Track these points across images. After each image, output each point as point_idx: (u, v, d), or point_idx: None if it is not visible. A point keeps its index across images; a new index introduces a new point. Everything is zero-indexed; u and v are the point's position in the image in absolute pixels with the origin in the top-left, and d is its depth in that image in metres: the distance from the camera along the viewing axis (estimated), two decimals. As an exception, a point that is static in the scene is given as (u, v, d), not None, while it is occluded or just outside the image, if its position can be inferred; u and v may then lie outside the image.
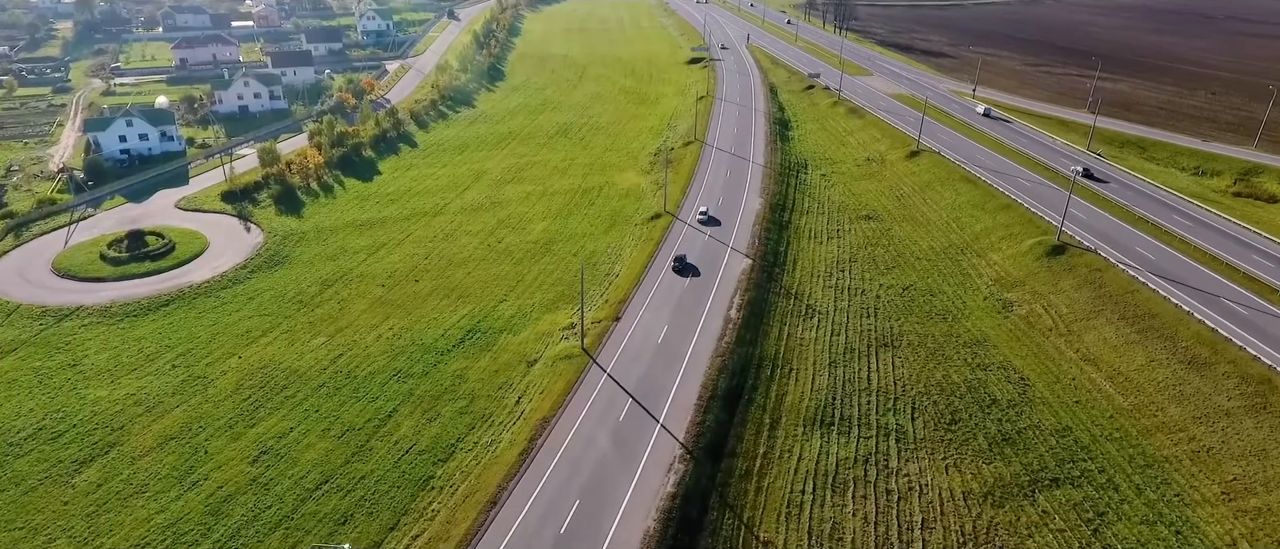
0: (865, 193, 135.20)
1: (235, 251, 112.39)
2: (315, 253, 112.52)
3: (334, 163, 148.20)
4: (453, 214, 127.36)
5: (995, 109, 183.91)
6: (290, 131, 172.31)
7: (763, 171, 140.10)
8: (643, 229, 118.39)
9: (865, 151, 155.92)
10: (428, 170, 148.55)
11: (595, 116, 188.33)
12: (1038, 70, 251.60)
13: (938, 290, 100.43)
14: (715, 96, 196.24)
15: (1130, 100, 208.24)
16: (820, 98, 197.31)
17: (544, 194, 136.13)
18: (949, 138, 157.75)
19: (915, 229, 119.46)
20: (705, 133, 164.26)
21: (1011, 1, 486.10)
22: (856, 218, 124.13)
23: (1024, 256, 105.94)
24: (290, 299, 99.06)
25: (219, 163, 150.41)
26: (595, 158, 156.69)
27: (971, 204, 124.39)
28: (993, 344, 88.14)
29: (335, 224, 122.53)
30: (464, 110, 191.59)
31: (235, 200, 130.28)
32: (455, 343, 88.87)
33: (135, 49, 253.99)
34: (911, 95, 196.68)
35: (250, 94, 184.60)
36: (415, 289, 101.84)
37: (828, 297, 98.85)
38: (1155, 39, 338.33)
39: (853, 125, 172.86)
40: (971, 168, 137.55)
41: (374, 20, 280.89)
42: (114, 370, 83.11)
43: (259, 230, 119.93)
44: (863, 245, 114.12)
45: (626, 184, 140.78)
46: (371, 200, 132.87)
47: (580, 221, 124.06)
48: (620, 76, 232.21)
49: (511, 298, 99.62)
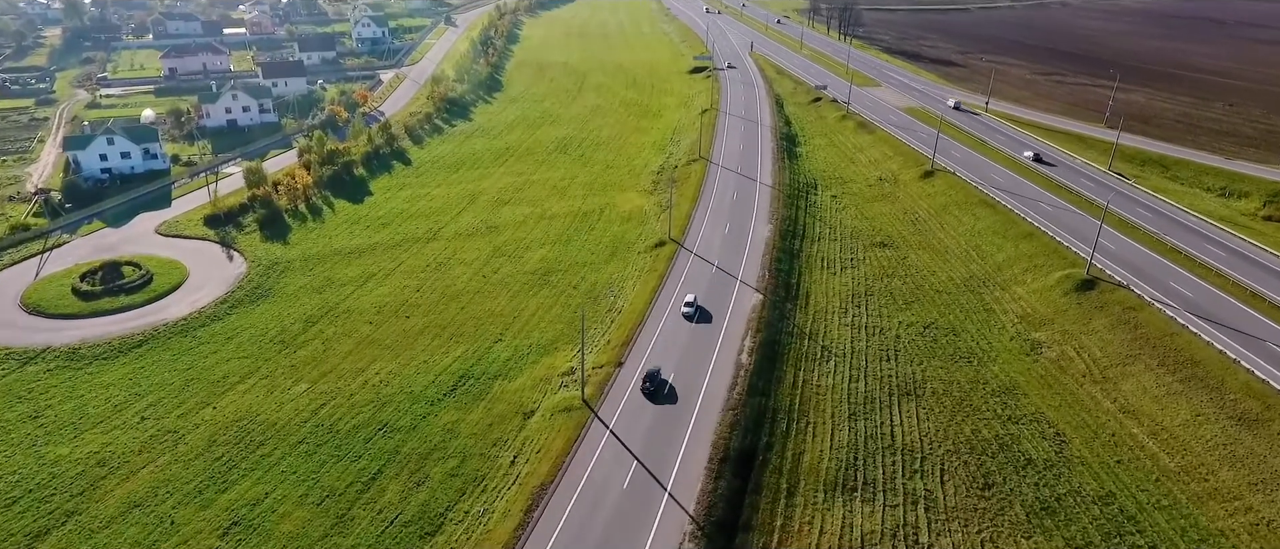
0: (878, 216, 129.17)
1: (216, 283, 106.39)
2: (301, 284, 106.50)
3: (324, 182, 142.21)
4: (447, 240, 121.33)
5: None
6: (280, 147, 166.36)
7: (771, 193, 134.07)
8: (646, 258, 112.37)
9: (877, 170, 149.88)
10: (422, 190, 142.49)
11: (596, 130, 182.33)
12: (1049, 79, 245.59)
13: (960, 329, 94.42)
14: (719, 109, 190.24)
15: (1146, 112, 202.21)
16: (828, 111, 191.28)
17: (542, 217, 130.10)
18: (963, 156, 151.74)
19: (933, 258, 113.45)
20: (710, 149, 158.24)
21: (1016, 5, 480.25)
22: (871, 245, 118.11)
23: (1051, 291, 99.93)
24: (272, 339, 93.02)
25: (204, 182, 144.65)
26: (596, 176, 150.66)
27: (992, 231, 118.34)
28: (1023, 392, 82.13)
29: (323, 251, 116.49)
30: (460, 123, 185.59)
31: (219, 225, 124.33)
32: (447, 391, 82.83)
33: (124, 57, 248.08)
34: (923, 108, 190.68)
35: (239, 107, 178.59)
36: (405, 326, 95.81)
37: (844, 336, 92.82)
38: (1165, 45, 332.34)
39: (863, 141, 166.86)
40: (990, 190, 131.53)
41: (369, 27, 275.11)
42: (78, 423, 77.11)
43: (242, 259, 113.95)
44: (879, 276, 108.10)
45: (629, 206, 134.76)
46: (362, 224, 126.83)
47: (580, 249, 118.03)
48: (621, 87, 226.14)
49: (508, 337, 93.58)
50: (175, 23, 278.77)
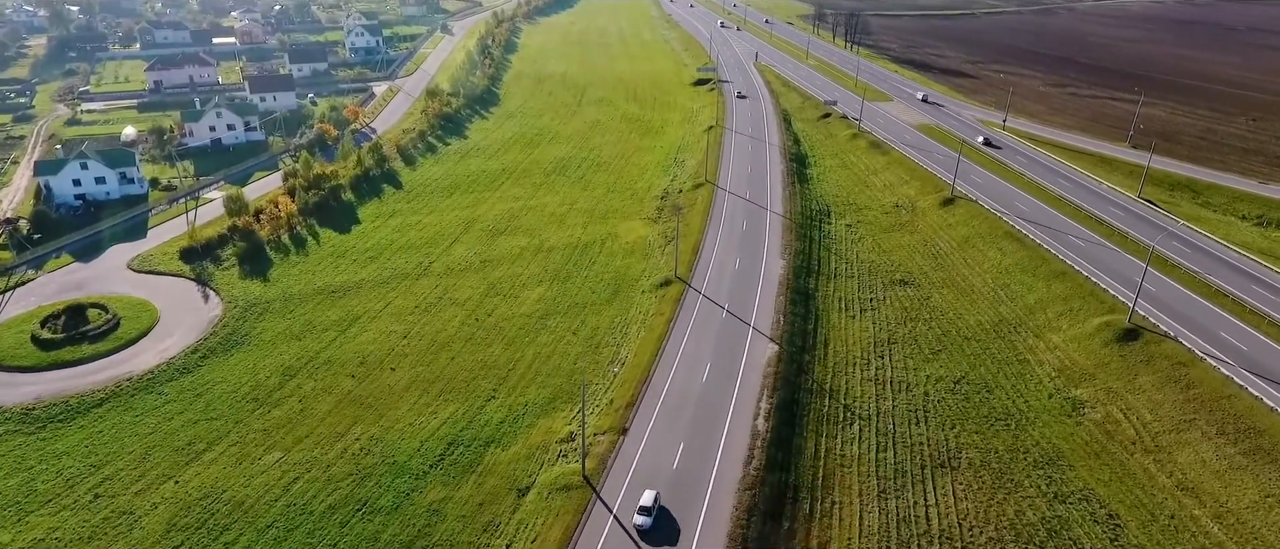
0: (897, 249, 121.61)
1: (188, 328, 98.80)
2: (279, 329, 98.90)
3: (309, 209, 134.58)
4: (438, 276, 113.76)
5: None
6: (266, 168, 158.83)
7: (782, 223, 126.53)
8: (651, 299, 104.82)
9: (893, 196, 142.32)
10: (413, 218, 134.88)
11: (596, 149, 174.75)
12: (1063, 92, 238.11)
13: (994, 384, 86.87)
14: (724, 126, 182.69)
15: (1168, 128, 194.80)
16: (838, 129, 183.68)
17: (540, 250, 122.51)
18: (983, 180, 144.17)
19: (958, 298, 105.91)
20: (716, 172, 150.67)
21: (1023, 11, 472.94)
22: (891, 283, 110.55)
23: (1090, 340, 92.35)
24: (245, 396, 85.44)
25: (183, 209, 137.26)
26: (597, 201, 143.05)
27: (1020, 268, 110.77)
28: (1068, 463, 74.60)
29: (305, 290, 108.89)
30: (455, 141, 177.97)
31: (196, 259, 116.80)
32: (434, 461, 75.29)
33: (109, 69, 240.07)
34: (936, 125, 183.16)
35: (223, 125, 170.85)
36: (390, 381, 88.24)
37: (867, 393, 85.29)
38: (1178, 53, 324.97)
39: (876, 163, 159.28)
40: (1015, 221, 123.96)
41: (363, 36, 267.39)
42: (24, 503, 69.58)
43: (218, 299, 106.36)
44: (901, 320, 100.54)
45: (632, 237, 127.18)
46: (348, 258, 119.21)
47: (580, 286, 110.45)
48: (622, 100, 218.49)
49: (502, 393, 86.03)
50: (163, 32, 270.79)
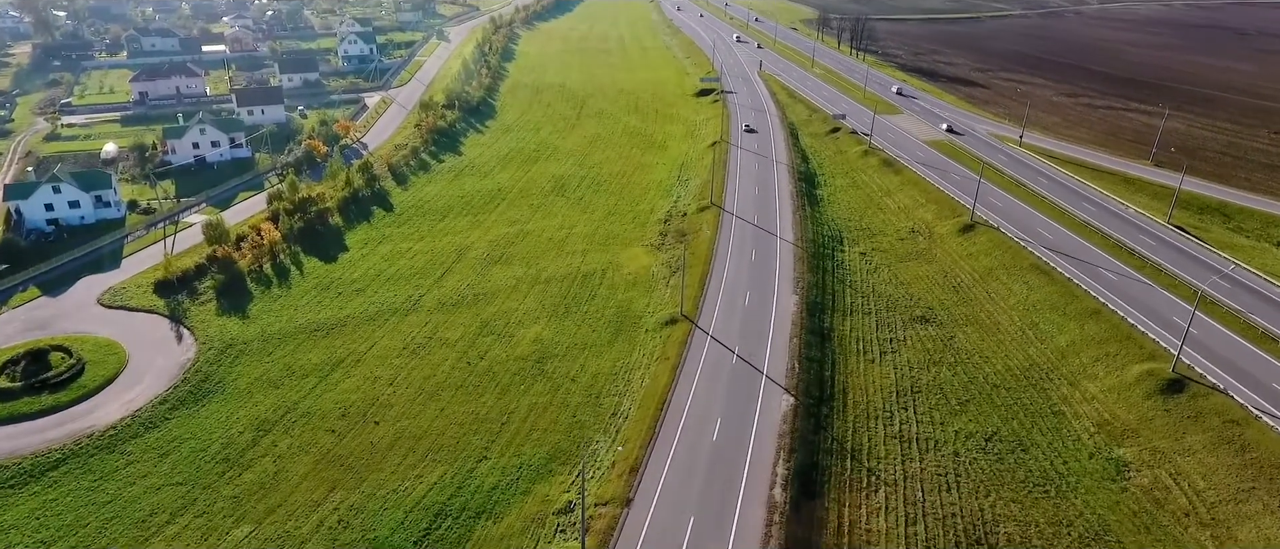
0: (915, 280, 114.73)
1: (158, 373, 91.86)
2: (256, 375, 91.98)
3: (294, 235, 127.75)
4: (428, 312, 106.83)
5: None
6: (251, 188, 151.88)
7: (793, 252, 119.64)
8: (656, 340, 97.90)
9: (908, 220, 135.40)
10: (403, 245, 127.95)
11: (596, 166, 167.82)
12: (1078, 103, 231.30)
13: (1029, 442, 80.00)
14: (730, 142, 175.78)
15: (1189, 142, 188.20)
16: (848, 144, 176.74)
17: (536, 281, 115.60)
18: (1003, 204, 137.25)
19: (984, 338, 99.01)
20: (722, 193, 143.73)
21: (1029, 14, 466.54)
22: (911, 320, 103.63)
23: (1130, 391, 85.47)
24: (214, 455, 78.56)
25: (162, 234, 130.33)
26: (597, 225, 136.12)
27: (1049, 304, 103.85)
28: (1116, 539, 67.74)
29: (286, 328, 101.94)
30: (449, 158, 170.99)
31: (171, 292, 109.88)
32: (418, 536, 68.38)
33: (93, 79, 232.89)
34: (950, 142, 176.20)
35: (207, 142, 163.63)
36: (373, 438, 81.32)
37: (892, 453, 78.42)
38: (1192, 60, 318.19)
39: (889, 182, 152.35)
40: (1040, 251, 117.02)
41: (356, 44, 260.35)
42: (-38, 590, 62.76)
43: (192, 339, 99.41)
44: (924, 363, 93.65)
45: (634, 266, 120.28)
46: (333, 291, 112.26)
47: (579, 324, 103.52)
48: (623, 113, 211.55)
49: (495, 452, 79.16)
50: (151, 39, 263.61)
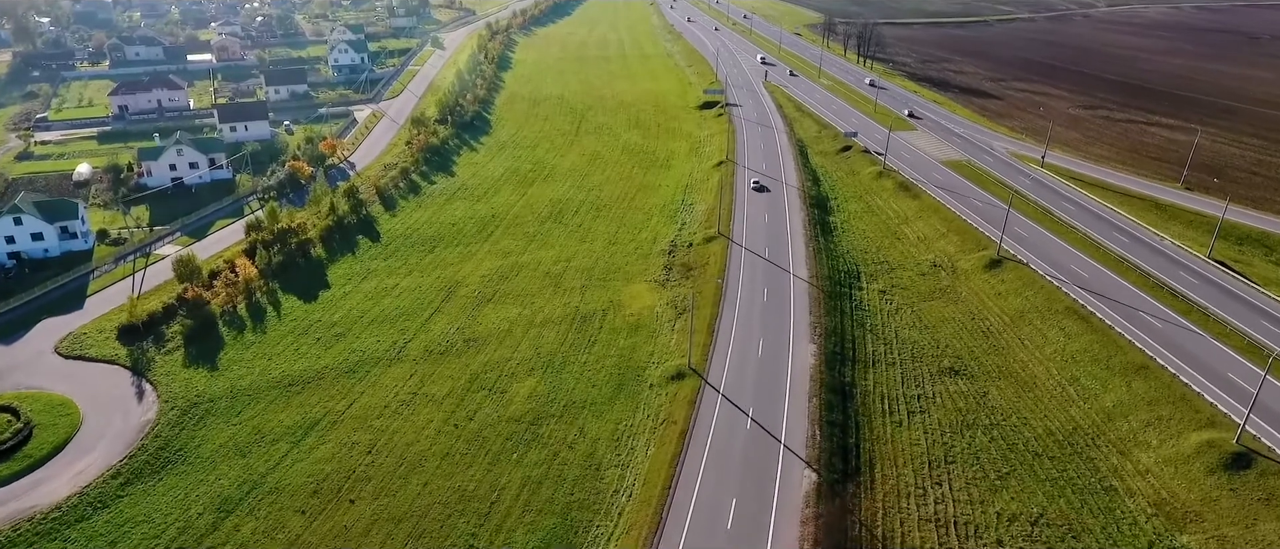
0: (940, 324, 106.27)
1: (114, 438, 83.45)
2: (222, 440, 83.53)
3: (272, 270, 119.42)
4: (413, 362, 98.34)
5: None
6: (231, 214, 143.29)
7: (808, 290, 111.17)
8: (662, 398, 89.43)
9: (928, 251, 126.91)
10: (389, 280, 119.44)
11: (596, 188, 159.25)
12: (1095, 116, 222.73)
13: (1079, 526, 71.57)
14: (736, 162, 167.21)
15: (1215, 160, 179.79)
16: (860, 164, 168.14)
17: (532, 324, 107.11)
18: (1030, 234, 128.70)
19: (1020, 395, 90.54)
20: (730, 222, 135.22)
21: (1036, 17, 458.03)
22: (939, 372, 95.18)
23: (1189, 464, 77.06)
24: (169, 544, 70.05)
25: (131, 269, 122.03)
26: (597, 258, 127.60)
27: (1089, 356, 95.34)
28: (1190, 654, 59.44)
29: (257, 382, 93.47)
30: (441, 180, 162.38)
31: (135, 338, 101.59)
32: (393, 652, 60.03)
33: (72, 90, 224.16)
34: (968, 162, 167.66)
35: (185, 163, 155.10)
36: (346, 521, 72.84)
37: (928, 540, 69.94)
38: (1207, 67, 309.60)
39: (906, 208, 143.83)
40: (1075, 292, 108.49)
41: (346, 53, 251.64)
42: None
43: (154, 395, 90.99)
44: (956, 427, 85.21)
45: (637, 306, 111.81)
46: (311, 335, 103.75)
47: (578, 378, 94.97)
48: (624, 128, 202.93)
49: (483, 538, 70.71)
50: (135, 48, 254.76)
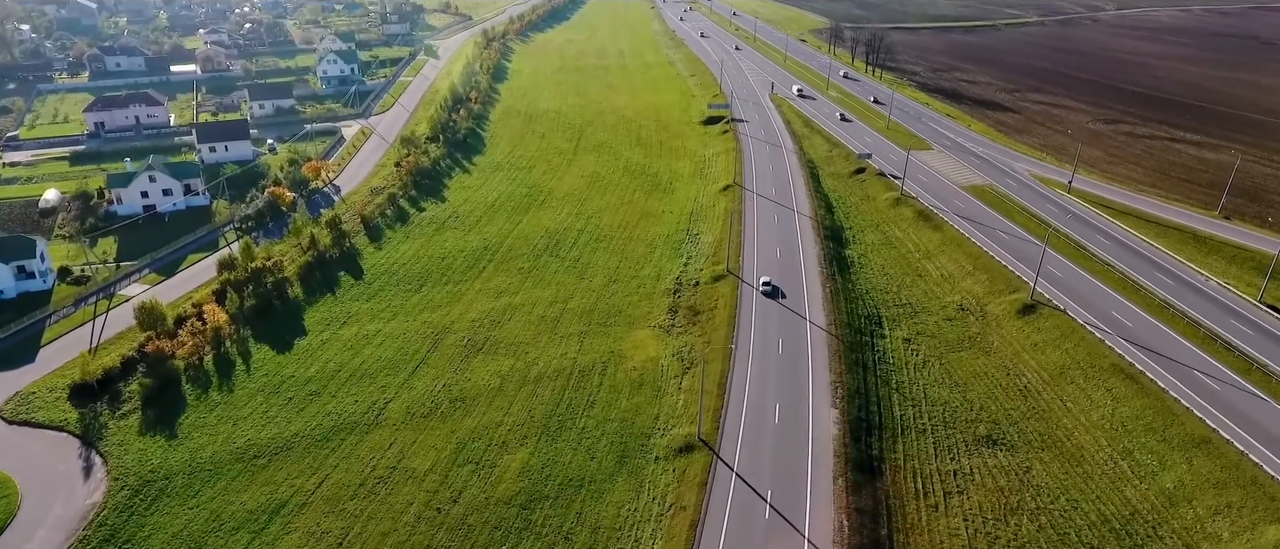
0: (972, 380, 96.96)
1: (53, 528, 74.41)
2: (175, 530, 74.28)
3: (244, 314, 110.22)
4: (393, 428, 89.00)
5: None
6: (205, 247, 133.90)
7: (826, 342, 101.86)
8: (669, 475, 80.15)
9: (954, 292, 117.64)
10: (371, 326, 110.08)
11: (595, 215, 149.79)
12: (1117, 131, 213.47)
13: (1150, 644, 62.42)
14: (743, 185, 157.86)
15: (1248, 182, 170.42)
16: (875, 189, 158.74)
17: (525, 380, 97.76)
18: (1064, 275, 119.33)
19: (1068, 471, 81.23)
20: (739, 256, 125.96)
21: (1046, 21, 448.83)
22: (975, 441, 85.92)
23: (1269, 564, 67.92)
24: (102, 669, 60.93)
25: (92, 312, 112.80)
26: (596, 298, 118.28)
27: (1143, 424, 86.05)
28: None
29: (220, 452, 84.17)
30: (431, 206, 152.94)
31: (89, 399, 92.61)
32: None
33: (48, 105, 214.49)
34: (990, 186, 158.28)
35: (158, 190, 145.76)
36: (311, 638, 63.69)
37: (978, 665, 60.81)
38: (1225, 76, 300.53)
39: (927, 240, 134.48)
40: (1120, 345, 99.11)
41: (335, 64, 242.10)
42: None
43: (104, 470, 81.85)
44: (998, 511, 75.98)
45: (640, 357, 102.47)
46: (282, 395, 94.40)
47: (576, 448, 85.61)
48: (625, 146, 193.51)
49: (464, 660, 61.55)
50: (116, 59, 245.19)
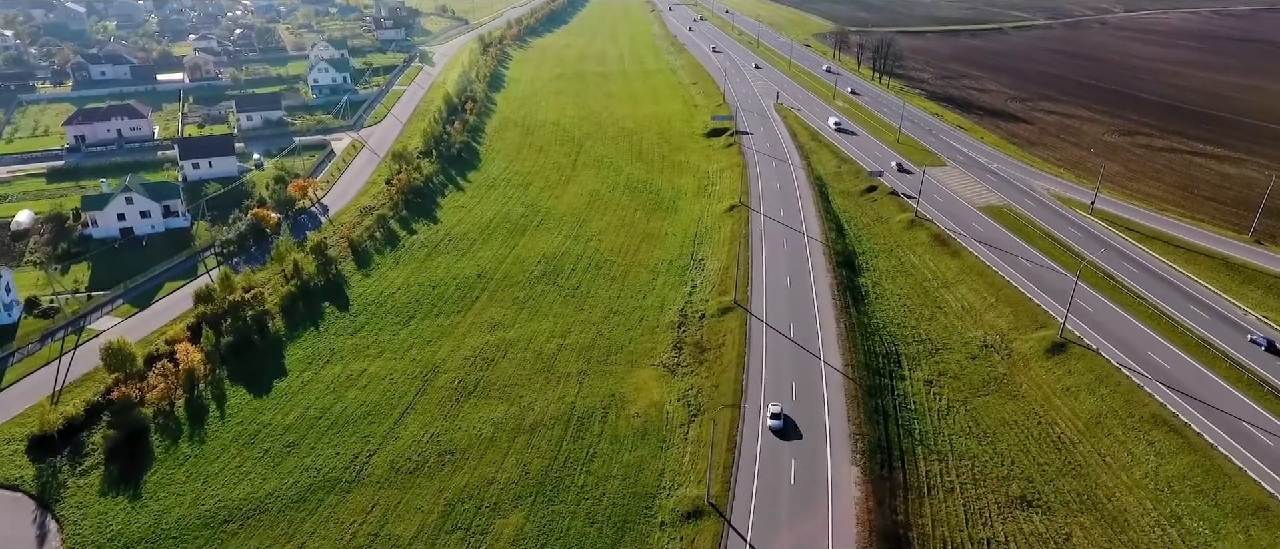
0: (1001, 429, 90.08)
1: (-2, 610, 67.44)
2: (132, 611, 67.43)
3: (222, 353, 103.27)
4: (376, 486, 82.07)
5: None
6: (184, 274, 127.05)
7: (843, 385, 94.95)
8: (676, 547, 73.26)
9: (977, 326, 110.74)
10: (356, 365, 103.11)
11: (595, 238, 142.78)
12: (1134, 143, 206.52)
13: None
14: (749, 206, 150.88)
15: (1272, 199, 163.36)
16: (888, 210, 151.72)
17: (520, 429, 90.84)
18: (1094, 309, 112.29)
19: (1110, 538, 74.38)
20: (747, 287, 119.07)
21: (1053, 24, 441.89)
22: (1007, 502, 79.05)
23: (1346, 660, 61.09)
24: None
25: (58, 349, 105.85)
26: (596, 332, 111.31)
27: (1191, 486, 79.16)
28: None
29: (187, 516, 77.28)
30: (422, 228, 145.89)
31: (48, 452, 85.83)
32: None
33: (29, 116, 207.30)
34: (1008, 207, 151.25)
35: (135, 212, 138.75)
36: None
37: None
38: (1241, 83, 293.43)
39: (945, 268, 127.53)
40: (1160, 392, 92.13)
41: (327, 72, 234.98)
42: None
43: (60, 538, 74.95)
44: (1039, 588, 69.17)
45: (643, 401, 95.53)
46: (258, 446, 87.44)
47: (574, 512, 78.63)
48: (626, 161, 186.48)
49: None
50: (101, 67, 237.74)
